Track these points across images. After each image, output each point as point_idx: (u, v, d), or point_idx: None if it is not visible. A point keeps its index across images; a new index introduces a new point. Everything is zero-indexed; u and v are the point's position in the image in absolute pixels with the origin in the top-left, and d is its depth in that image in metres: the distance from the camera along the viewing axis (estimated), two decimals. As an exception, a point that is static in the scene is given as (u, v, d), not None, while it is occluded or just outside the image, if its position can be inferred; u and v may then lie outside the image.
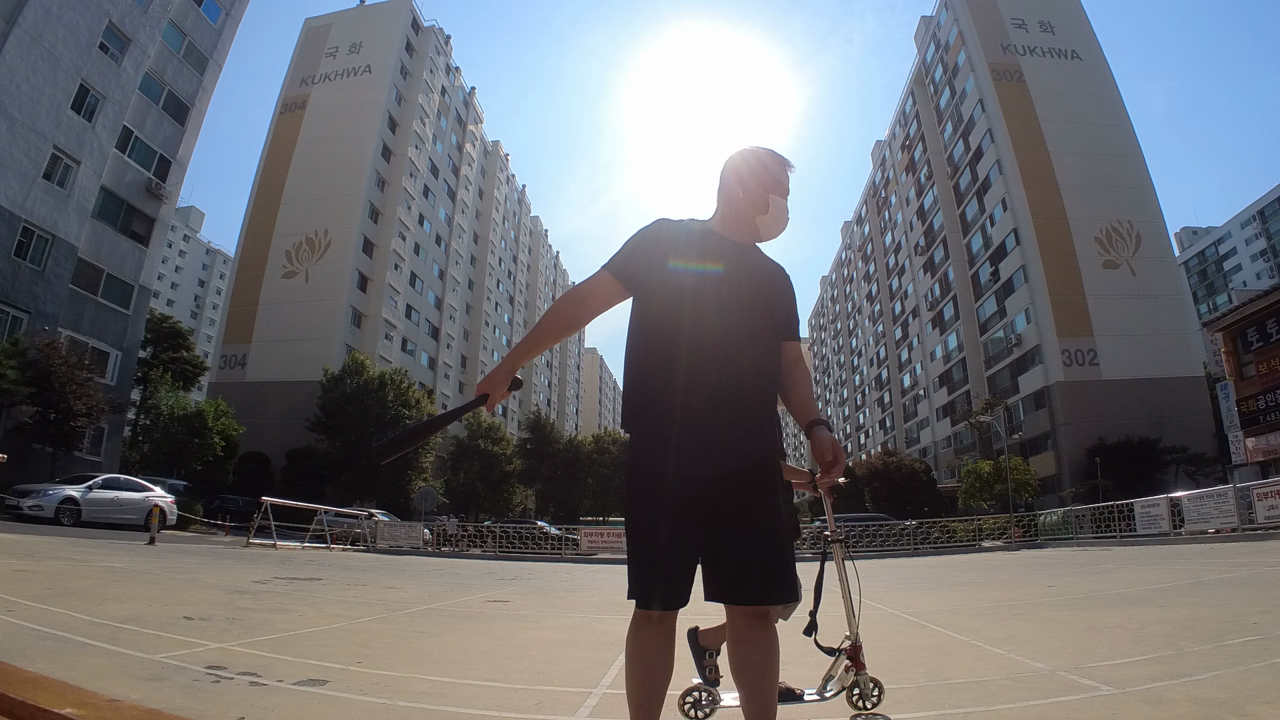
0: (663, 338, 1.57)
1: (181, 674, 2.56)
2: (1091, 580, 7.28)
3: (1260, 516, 13.37)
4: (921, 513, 35.64)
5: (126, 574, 6.37)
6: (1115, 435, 35.90)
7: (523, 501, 50.98)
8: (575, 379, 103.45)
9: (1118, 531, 17.40)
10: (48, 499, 14.80)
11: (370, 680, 2.70)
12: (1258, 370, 20.74)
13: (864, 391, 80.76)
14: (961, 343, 52.23)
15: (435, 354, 54.71)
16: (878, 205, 74.75)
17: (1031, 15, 49.31)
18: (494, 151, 72.09)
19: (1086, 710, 2.23)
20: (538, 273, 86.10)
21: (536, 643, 3.96)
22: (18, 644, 2.80)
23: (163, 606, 4.39)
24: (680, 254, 1.61)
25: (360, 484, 33.49)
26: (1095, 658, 3.04)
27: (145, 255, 26.41)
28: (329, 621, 4.36)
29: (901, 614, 5.16)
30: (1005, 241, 46.09)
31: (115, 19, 24.16)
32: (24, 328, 21.01)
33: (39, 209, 21.80)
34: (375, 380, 35.34)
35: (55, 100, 22.20)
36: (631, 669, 1.55)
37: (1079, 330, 40.93)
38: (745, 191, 1.68)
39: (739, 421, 1.54)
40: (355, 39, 52.83)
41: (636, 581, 1.52)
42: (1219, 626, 3.64)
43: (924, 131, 58.88)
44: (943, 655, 3.39)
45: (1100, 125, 45.18)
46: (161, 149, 27.01)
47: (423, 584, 8.10)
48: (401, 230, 49.56)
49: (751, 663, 1.52)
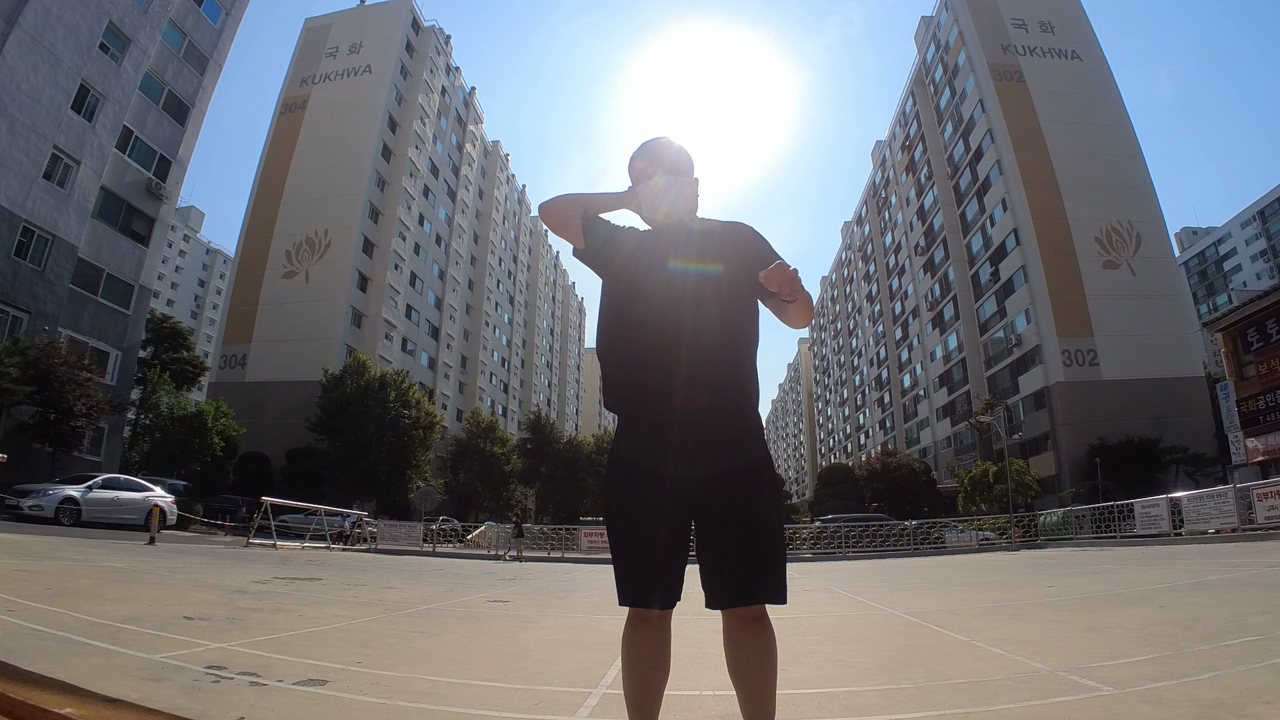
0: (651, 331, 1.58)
1: (181, 674, 2.56)
2: (1091, 580, 7.27)
3: (1260, 517, 13.37)
4: (921, 513, 35.64)
5: (127, 574, 6.37)
6: (1115, 435, 35.91)
7: (522, 501, 50.97)
8: (575, 379, 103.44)
9: (1118, 532, 17.40)
10: (48, 499, 14.80)
11: (370, 680, 2.70)
12: (1258, 370, 20.73)
13: (864, 392, 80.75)
14: (961, 343, 52.24)
15: (435, 354, 54.71)
16: (878, 205, 74.76)
17: (1031, 15, 49.33)
18: (494, 151, 72.11)
19: (1086, 710, 2.23)
20: (538, 273, 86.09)
21: (536, 643, 3.96)
22: (18, 644, 2.80)
23: (163, 606, 4.39)
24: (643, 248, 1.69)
25: (360, 484, 33.50)
26: (1095, 658, 3.04)
27: (145, 255, 26.42)
28: (329, 621, 4.36)
29: (901, 614, 5.15)
30: (1005, 242, 46.11)
31: (115, 19, 24.16)
32: (24, 328, 21.01)
33: (39, 209, 21.81)
34: (376, 380, 35.34)
35: (55, 100, 22.21)
36: (629, 670, 1.55)
37: (1079, 330, 40.94)
38: (634, 187, 1.78)
39: (727, 421, 1.56)
40: (355, 39, 52.86)
41: (633, 582, 1.51)
42: (1219, 627, 3.64)
43: (924, 132, 58.90)
44: (943, 655, 3.39)
45: (1100, 125, 45.20)
46: (161, 149, 27.02)
47: (423, 584, 8.10)
48: (402, 230, 49.56)
49: (749, 665, 1.51)
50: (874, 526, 22.33)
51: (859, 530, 22.14)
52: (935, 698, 2.50)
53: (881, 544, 21.34)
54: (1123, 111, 46.59)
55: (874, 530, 21.97)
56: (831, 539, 22.40)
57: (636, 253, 1.68)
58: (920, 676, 2.90)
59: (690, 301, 1.58)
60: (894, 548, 21.08)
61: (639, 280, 1.63)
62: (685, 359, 1.55)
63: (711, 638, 2.37)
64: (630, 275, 1.65)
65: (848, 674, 2.98)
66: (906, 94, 64.41)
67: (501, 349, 69.73)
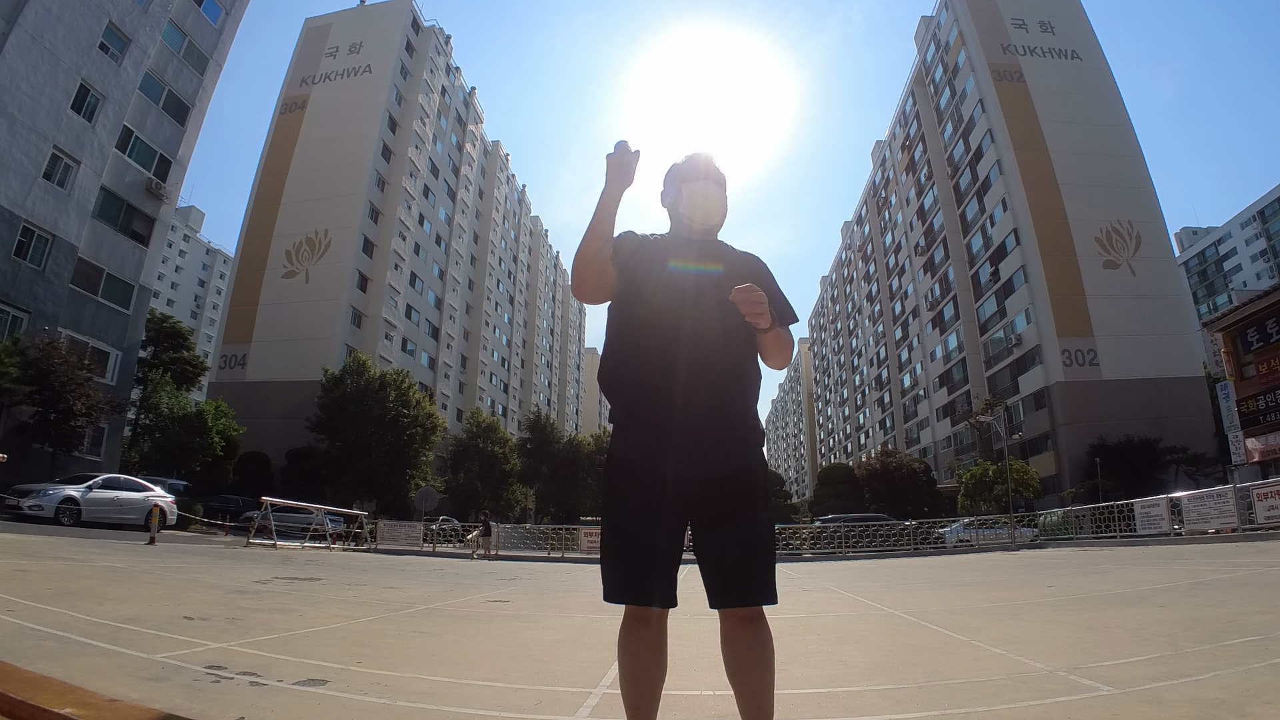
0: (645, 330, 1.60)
1: (181, 674, 2.56)
2: (1091, 580, 7.27)
3: (1260, 516, 13.37)
4: (921, 513, 35.64)
5: (127, 574, 6.37)
6: (1115, 435, 35.91)
7: (522, 501, 51.00)
8: (575, 379, 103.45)
9: (1118, 531, 17.40)
10: (48, 499, 14.80)
11: (370, 680, 2.70)
12: (1258, 370, 20.74)
13: (864, 392, 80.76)
14: (961, 343, 52.24)
15: (435, 354, 54.71)
16: (878, 205, 74.76)
17: (1031, 15, 49.33)
18: (494, 151, 72.11)
19: (1086, 710, 2.23)
20: (538, 273, 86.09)
21: (536, 643, 3.96)
22: (18, 644, 2.80)
23: (163, 606, 4.39)
24: (654, 253, 1.69)
25: (360, 484, 33.50)
26: (1095, 658, 3.04)
27: (145, 255, 26.42)
28: (329, 621, 4.36)
29: (901, 614, 5.15)
30: (1005, 241, 46.11)
31: (115, 19, 24.16)
32: (24, 327, 21.00)
33: (39, 209, 21.80)
34: (376, 380, 35.35)
35: (55, 100, 22.21)
36: (626, 670, 1.55)
37: (1079, 330, 40.94)
38: (669, 191, 1.80)
39: (733, 423, 1.57)
40: (355, 39, 52.85)
41: (627, 582, 1.52)
42: (1219, 627, 3.64)
43: (924, 132, 58.91)
44: (943, 655, 3.39)
45: (1100, 125, 45.21)
46: (161, 149, 27.02)
47: (423, 584, 8.10)
48: (401, 230, 49.56)
49: (746, 664, 1.52)
50: (874, 526, 22.35)
51: (859, 530, 22.16)
52: (935, 698, 2.50)
53: (881, 544, 21.36)
54: (1123, 111, 46.59)
55: (874, 530, 21.99)
56: (831, 539, 22.42)
57: (642, 255, 1.70)
58: (920, 676, 2.90)
59: (691, 302, 1.60)
60: (894, 548, 21.09)
61: (639, 280, 1.66)
62: (685, 359, 1.56)
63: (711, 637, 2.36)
64: (636, 276, 1.67)
65: (848, 674, 2.98)
66: (906, 94, 64.41)
67: (501, 349, 69.72)
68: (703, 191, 1.74)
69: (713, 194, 1.75)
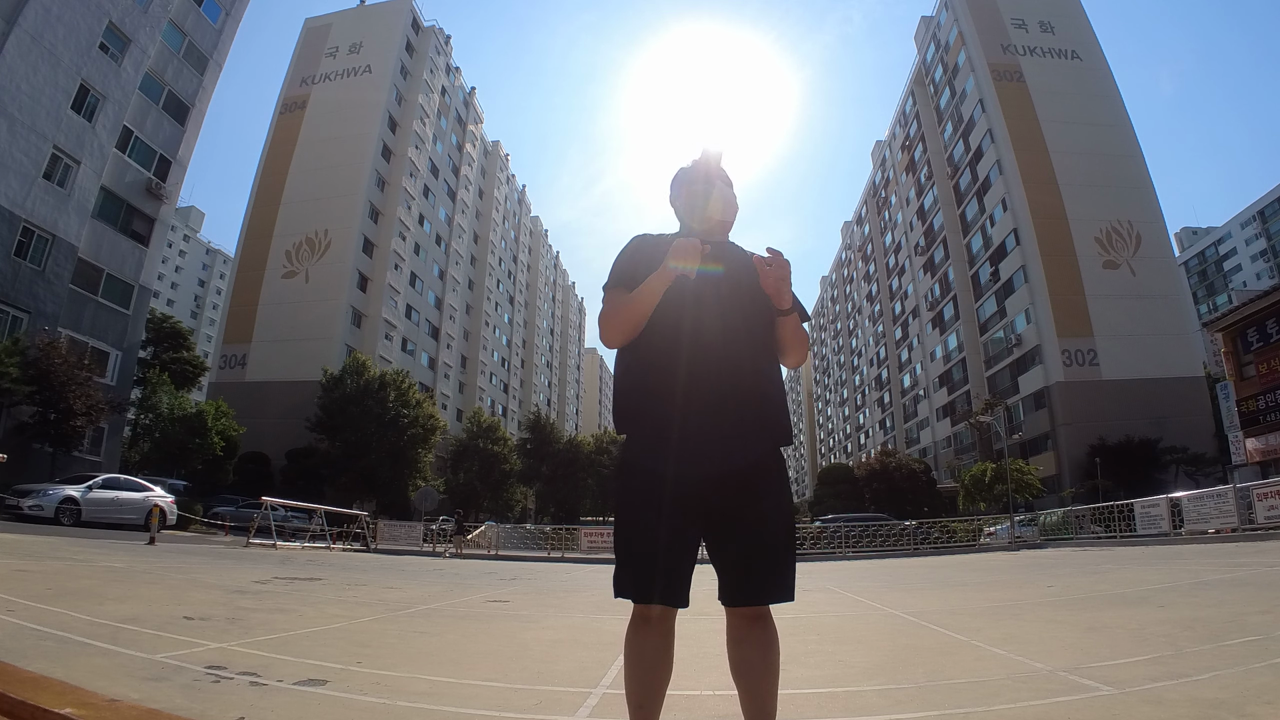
0: (661, 337, 1.60)
1: (181, 674, 2.56)
2: (1091, 580, 7.28)
3: (1260, 517, 13.36)
4: (921, 513, 35.65)
5: (126, 574, 6.37)
6: (1115, 435, 35.92)
7: (522, 501, 51.00)
8: (575, 379, 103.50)
9: (1118, 532, 17.40)
10: (48, 499, 14.79)
11: (370, 680, 2.70)
12: (1258, 370, 20.74)
13: (864, 392, 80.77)
14: (961, 343, 52.25)
15: (435, 354, 54.72)
16: (878, 205, 74.77)
17: (1031, 15, 49.34)
18: (494, 151, 72.11)
19: (1086, 710, 2.23)
20: (538, 273, 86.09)
21: (536, 642, 3.96)
22: (18, 644, 2.80)
23: (163, 606, 4.39)
24: (657, 257, 1.65)
25: (360, 484, 33.50)
26: (1095, 658, 3.04)
27: (145, 255, 26.41)
28: (329, 621, 4.36)
29: (901, 614, 5.16)
30: (1005, 241, 46.12)
31: (115, 19, 24.16)
32: (24, 328, 21.00)
33: (39, 209, 21.80)
34: (376, 380, 35.35)
35: (55, 100, 22.20)
36: (631, 670, 1.55)
37: (1079, 330, 40.95)
38: (676, 194, 1.83)
39: (739, 421, 1.56)
40: (355, 39, 52.85)
41: (633, 578, 1.53)
42: (1219, 627, 3.64)
43: (924, 132, 58.92)
44: (943, 655, 3.39)
45: (1100, 125, 45.22)
46: (161, 149, 27.01)
47: (423, 584, 8.10)
48: (401, 230, 49.56)
49: (750, 663, 1.52)
50: (874, 526, 22.35)
51: (859, 530, 22.16)
52: (935, 698, 2.50)
53: (881, 544, 21.36)
54: (1123, 111, 46.60)
55: (874, 530, 22.00)
56: (831, 539, 22.42)
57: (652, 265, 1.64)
58: (920, 676, 2.90)
59: (691, 303, 1.60)
60: (894, 547, 21.10)
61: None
62: (685, 359, 1.57)
63: (712, 637, 2.37)
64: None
65: (848, 674, 2.98)
66: (906, 94, 64.41)
67: (501, 349, 69.73)
68: (703, 194, 1.75)
69: (713, 195, 1.75)
